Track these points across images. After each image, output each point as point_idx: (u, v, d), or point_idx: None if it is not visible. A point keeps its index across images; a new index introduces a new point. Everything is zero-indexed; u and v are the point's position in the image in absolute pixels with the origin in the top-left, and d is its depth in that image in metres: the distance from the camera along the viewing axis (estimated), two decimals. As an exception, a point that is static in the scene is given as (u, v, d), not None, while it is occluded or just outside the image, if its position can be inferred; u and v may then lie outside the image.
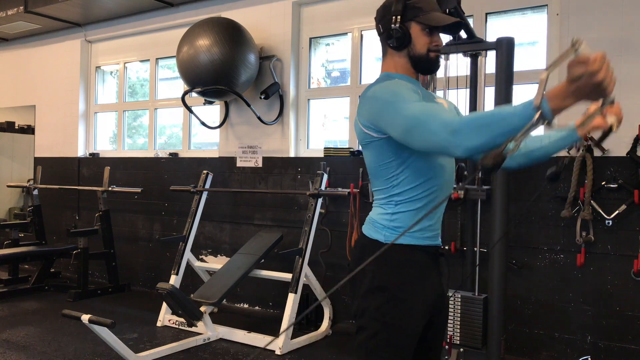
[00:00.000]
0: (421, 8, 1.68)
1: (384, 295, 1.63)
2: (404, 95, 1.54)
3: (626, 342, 3.35)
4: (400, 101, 1.52)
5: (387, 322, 1.62)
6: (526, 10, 3.85)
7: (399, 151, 1.62)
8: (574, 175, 3.42)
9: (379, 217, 1.70)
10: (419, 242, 1.68)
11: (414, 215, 1.66)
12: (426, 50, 1.70)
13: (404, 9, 1.67)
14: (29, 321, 4.44)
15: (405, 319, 1.63)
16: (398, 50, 1.72)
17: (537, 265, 3.63)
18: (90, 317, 3.01)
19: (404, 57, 1.72)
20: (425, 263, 1.70)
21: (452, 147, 1.34)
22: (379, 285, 1.65)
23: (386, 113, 1.54)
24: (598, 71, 1.15)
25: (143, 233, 5.69)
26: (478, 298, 3.31)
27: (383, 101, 1.56)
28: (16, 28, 6.29)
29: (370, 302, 1.65)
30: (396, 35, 1.68)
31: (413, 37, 1.69)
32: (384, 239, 1.66)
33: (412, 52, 1.70)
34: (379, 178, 1.69)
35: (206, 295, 3.99)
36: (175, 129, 5.93)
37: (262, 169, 4.87)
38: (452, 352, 3.27)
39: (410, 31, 1.68)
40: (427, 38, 1.69)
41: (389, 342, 1.62)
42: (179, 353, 3.73)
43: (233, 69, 4.40)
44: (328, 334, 4.16)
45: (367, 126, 1.63)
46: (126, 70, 6.16)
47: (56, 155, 6.46)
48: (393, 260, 1.64)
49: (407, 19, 1.68)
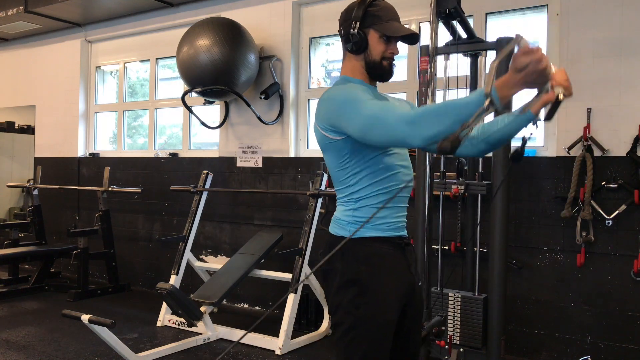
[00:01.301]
0: (380, 17, 1.73)
1: (354, 288, 1.67)
2: (359, 96, 1.60)
3: (626, 342, 3.35)
4: (356, 101, 1.58)
5: (360, 314, 1.65)
6: (526, 10, 3.85)
7: (355, 151, 1.67)
8: (574, 175, 3.42)
9: (342, 214, 1.75)
10: (383, 234, 1.73)
11: (375, 209, 1.71)
12: (380, 58, 1.75)
13: (364, 16, 1.73)
14: (29, 321, 4.44)
15: (378, 309, 1.66)
16: (355, 54, 1.77)
17: (537, 265, 3.63)
18: (90, 317, 3.01)
19: (360, 62, 1.78)
20: (392, 253, 1.74)
21: (410, 137, 1.41)
22: (348, 279, 1.69)
23: (344, 113, 1.59)
24: (542, 59, 1.27)
25: (143, 233, 5.69)
26: (478, 298, 3.31)
27: (339, 102, 1.62)
28: (16, 28, 6.29)
29: (343, 297, 1.69)
30: (354, 40, 1.74)
31: (370, 44, 1.75)
32: (348, 234, 1.71)
33: (367, 57, 1.76)
34: (339, 178, 1.75)
35: (206, 295, 3.99)
36: (175, 129, 5.93)
37: (262, 169, 4.87)
38: (452, 352, 3.27)
39: (368, 37, 1.74)
40: (383, 46, 1.75)
41: (364, 333, 1.65)
42: (179, 353, 3.73)
43: (233, 69, 4.40)
44: (328, 334, 4.16)
45: (325, 128, 1.68)
46: (126, 70, 6.16)
47: (56, 155, 6.46)
48: (360, 254, 1.69)
49: (366, 25, 1.74)
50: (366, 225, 1.69)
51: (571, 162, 3.46)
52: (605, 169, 3.41)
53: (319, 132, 1.72)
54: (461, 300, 3.33)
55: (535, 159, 3.68)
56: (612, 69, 3.40)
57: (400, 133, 1.43)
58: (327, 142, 1.71)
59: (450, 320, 3.35)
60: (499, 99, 1.28)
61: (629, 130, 3.34)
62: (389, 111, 1.49)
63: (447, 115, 1.34)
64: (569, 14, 3.55)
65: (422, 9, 4.07)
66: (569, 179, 3.45)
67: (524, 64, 1.27)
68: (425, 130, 1.37)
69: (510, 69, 1.30)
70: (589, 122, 3.44)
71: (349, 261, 1.69)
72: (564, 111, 3.56)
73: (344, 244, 1.61)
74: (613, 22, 3.40)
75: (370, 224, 1.70)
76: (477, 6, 3.92)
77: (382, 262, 1.71)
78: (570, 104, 3.54)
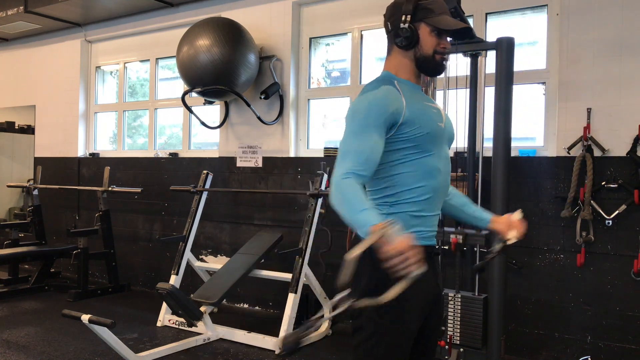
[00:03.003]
0: (432, 10, 1.68)
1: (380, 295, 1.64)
2: (361, 120, 1.61)
3: (626, 342, 3.35)
4: (353, 125, 1.63)
5: (383, 322, 1.63)
6: (526, 10, 3.85)
7: (392, 153, 1.64)
8: (574, 175, 3.42)
9: None
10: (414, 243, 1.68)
11: (411, 217, 1.67)
12: (432, 52, 1.70)
13: (415, 9, 1.67)
14: (29, 321, 4.44)
15: (401, 319, 1.64)
16: (405, 50, 1.72)
17: (537, 265, 3.63)
18: (90, 317, 3.01)
19: (409, 58, 1.72)
20: None
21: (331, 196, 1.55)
22: (375, 285, 1.64)
23: (346, 125, 1.66)
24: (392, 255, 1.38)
25: (143, 233, 5.69)
26: (478, 298, 3.31)
27: (349, 115, 1.66)
28: (16, 28, 6.29)
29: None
30: (405, 35, 1.68)
31: (421, 38, 1.69)
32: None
33: (418, 53, 1.70)
34: (373, 179, 1.69)
35: (206, 295, 3.99)
36: (175, 129, 5.93)
37: (262, 169, 4.87)
38: (452, 352, 3.27)
39: (419, 32, 1.69)
40: (435, 40, 1.70)
41: (385, 342, 1.63)
42: (179, 353, 3.72)
43: (233, 69, 4.40)
44: (328, 334, 4.16)
45: None
46: (126, 70, 6.17)
47: (56, 155, 6.46)
48: None
49: (417, 19, 1.68)
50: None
51: (571, 162, 3.46)
52: (605, 169, 3.41)
53: None
54: (461, 300, 3.33)
55: (535, 159, 3.68)
56: (612, 69, 3.40)
57: (332, 186, 1.56)
58: None
59: (450, 320, 3.35)
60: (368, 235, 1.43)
61: (629, 130, 3.34)
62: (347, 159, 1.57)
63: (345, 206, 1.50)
64: (569, 14, 3.55)
65: (422, 9, 4.08)
66: (569, 179, 3.45)
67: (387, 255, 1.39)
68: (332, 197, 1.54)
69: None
70: (589, 122, 3.44)
71: (377, 267, 1.61)
72: (564, 111, 3.56)
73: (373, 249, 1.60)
74: (613, 22, 3.40)
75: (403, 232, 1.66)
76: (477, 6, 3.92)
77: None
78: (570, 104, 3.54)
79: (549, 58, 3.71)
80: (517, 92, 3.36)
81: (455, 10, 2.83)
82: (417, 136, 1.64)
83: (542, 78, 3.75)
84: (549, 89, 3.71)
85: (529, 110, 3.85)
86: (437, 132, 1.70)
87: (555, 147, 3.61)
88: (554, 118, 3.64)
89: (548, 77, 3.71)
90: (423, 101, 1.74)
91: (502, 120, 3.16)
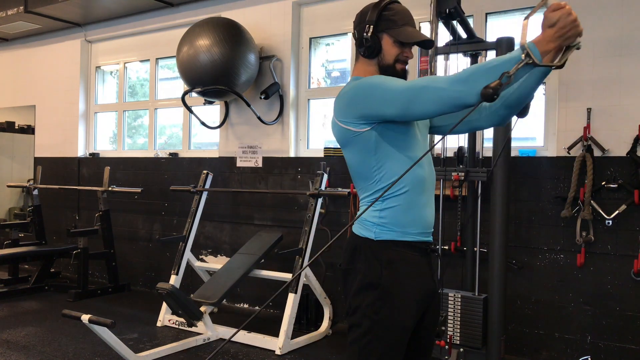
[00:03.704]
0: (395, 21, 1.73)
1: (375, 292, 1.65)
2: (386, 78, 1.64)
3: (626, 342, 3.35)
4: (388, 81, 1.61)
5: (379, 318, 1.64)
6: (526, 10, 3.85)
7: (379, 143, 1.66)
8: (574, 175, 3.42)
9: (367, 215, 1.71)
10: (410, 239, 1.70)
11: (403, 210, 1.68)
12: (393, 62, 1.75)
13: (378, 20, 1.72)
14: (29, 321, 4.44)
15: (397, 315, 1.65)
16: (368, 59, 1.77)
17: (537, 265, 3.63)
18: (90, 317, 3.01)
19: (373, 66, 1.77)
20: (416, 259, 1.71)
21: (465, 95, 1.44)
22: (370, 282, 1.67)
23: (374, 97, 1.60)
24: (571, 12, 1.37)
25: (143, 233, 5.69)
26: (478, 298, 3.31)
27: (367, 88, 1.63)
28: (16, 28, 6.29)
29: (362, 300, 1.67)
30: (367, 45, 1.74)
31: (383, 48, 1.74)
32: (374, 236, 1.68)
33: (381, 62, 1.76)
34: (362, 176, 1.73)
35: (206, 295, 3.99)
36: (175, 129, 5.93)
37: (262, 169, 4.87)
38: (452, 352, 3.27)
39: (382, 42, 1.74)
40: (397, 50, 1.74)
41: (381, 338, 1.64)
42: (179, 353, 3.72)
43: (233, 69, 4.40)
44: (328, 334, 4.16)
45: (347, 121, 1.67)
46: (126, 70, 6.16)
47: (56, 155, 6.46)
48: (384, 257, 1.67)
49: (380, 29, 1.73)
50: (393, 228, 1.67)
51: (571, 162, 3.46)
52: (605, 169, 3.41)
53: (340, 127, 1.70)
54: (461, 300, 3.33)
55: (535, 159, 3.68)
56: (612, 69, 3.40)
57: (455, 93, 1.45)
58: (350, 137, 1.68)
59: (450, 320, 3.35)
60: (539, 54, 1.38)
61: (629, 130, 3.34)
62: (432, 78, 1.52)
63: (495, 70, 1.39)
64: (569, 14, 3.54)
65: (422, 9, 4.07)
66: (569, 179, 3.45)
67: (554, 19, 1.37)
68: (479, 86, 1.39)
69: (543, 27, 1.41)
70: (589, 122, 3.44)
71: (372, 264, 1.66)
72: (564, 111, 3.56)
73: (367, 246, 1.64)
74: (613, 22, 3.40)
75: (398, 227, 1.68)
76: (477, 6, 3.92)
77: (405, 268, 1.68)
78: (570, 104, 3.54)
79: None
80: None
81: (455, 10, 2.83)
82: (398, 132, 1.67)
83: (542, 78, 3.74)
84: (549, 89, 3.71)
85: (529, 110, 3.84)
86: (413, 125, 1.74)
87: (555, 147, 3.62)
88: (554, 118, 3.64)
89: (548, 77, 3.67)
90: None
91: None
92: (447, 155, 3.67)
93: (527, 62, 1.36)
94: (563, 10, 1.36)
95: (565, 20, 1.36)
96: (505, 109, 1.74)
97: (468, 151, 3.57)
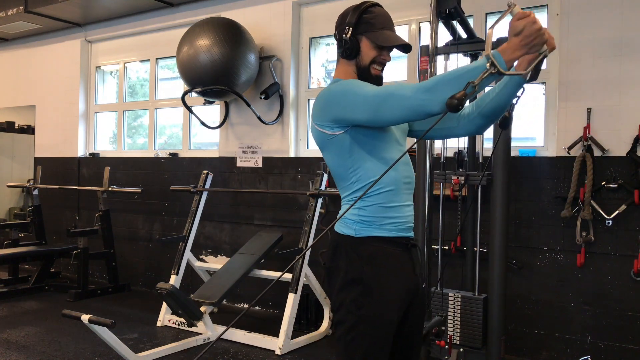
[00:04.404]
0: (374, 24, 1.75)
1: (358, 287, 1.67)
2: (357, 83, 1.67)
3: (626, 342, 3.35)
4: (358, 87, 1.63)
5: (362, 314, 1.66)
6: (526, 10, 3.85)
7: (355, 145, 1.68)
8: (574, 175, 3.42)
9: (348, 213, 1.73)
10: (389, 234, 1.72)
11: (382, 208, 1.71)
12: (369, 64, 1.77)
13: (357, 22, 1.75)
14: (29, 321, 4.44)
15: (380, 309, 1.66)
16: (347, 59, 1.80)
17: (537, 265, 3.63)
18: (90, 317, 3.01)
19: (352, 67, 1.80)
20: (397, 254, 1.74)
21: (429, 103, 1.45)
22: (352, 278, 1.69)
23: (346, 102, 1.63)
24: (536, 21, 1.37)
25: (143, 233, 5.69)
26: (478, 298, 3.31)
27: (339, 93, 1.66)
28: (16, 28, 6.29)
29: (345, 296, 1.69)
30: (346, 46, 1.77)
31: (362, 50, 1.77)
32: (354, 233, 1.71)
33: (359, 63, 1.78)
34: (340, 177, 1.76)
35: (206, 295, 3.99)
36: (175, 129, 5.93)
37: (262, 169, 4.87)
38: (452, 352, 3.27)
39: (360, 44, 1.76)
40: (375, 53, 1.77)
41: (365, 333, 1.66)
42: (179, 353, 3.72)
43: (233, 69, 4.40)
44: (328, 334, 4.16)
45: (322, 125, 1.71)
46: (126, 70, 6.16)
47: (56, 155, 6.46)
48: (365, 253, 1.69)
49: (359, 32, 1.76)
50: (373, 224, 1.70)
51: (571, 162, 3.46)
52: (605, 169, 3.41)
53: (317, 130, 1.74)
54: (461, 300, 3.33)
55: (535, 159, 3.68)
56: (612, 69, 3.40)
57: (418, 101, 1.47)
58: (326, 139, 1.72)
59: (450, 320, 3.35)
60: (504, 63, 1.37)
61: (629, 130, 3.34)
62: (400, 86, 1.54)
63: (460, 79, 1.39)
64: (569, 14, 3.55)
65: (422, 9, 4.07)
66: (569, 179, 3.45)
67: (519, 28, 1.37)
68: (443, 94, 1.39)
69: (509, 35, 1.40)
70: (589, 122, 3.44)
71: (354, 260, 1.69)
72: (564, 111, 3.56)
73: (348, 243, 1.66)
74: (613, 22, 3.40)
75: (377, 224, 1.70)
76: (477, 6, 3.92)
77: (386, 262, 1.70)
78: (570, 104, 3.54)
79: (549, 58, 3.71)
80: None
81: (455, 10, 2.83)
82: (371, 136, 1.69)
83: (542, 78, 3.75)
84: (549, 89, 3.71)
85: (529, 110, 3.85)
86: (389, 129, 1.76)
87: (555, 147, 3.61)
88: (554, 118, 3.64)
89: (548, 77, 3.71)
90: None
91: (502, 120, 3.16)
92: (447, 155, 3.67)
93: (492, 72, 1.35)
94: (528, 19, 1.36)
95: (530, 29, 1.35)
96: (481, 118, 1.73)
97: (468, 152, 3.57)
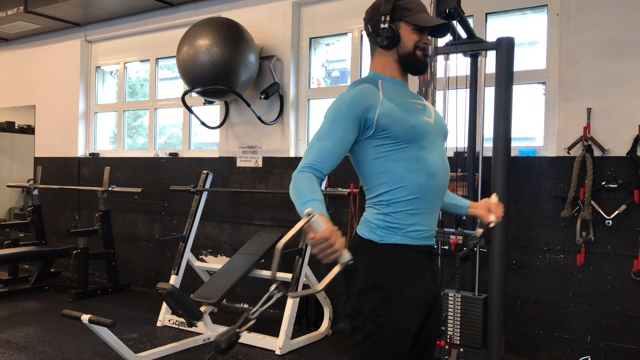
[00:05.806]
0: (410, 9, 1.72)
1: (378, 295, 1.63)
2: (331, 117, 1.66)
3: (626, 342, 3.35)
4: (326, 122, 1.66)
5: (381, 322, 1.62)
6: (526, 10, 3.85)
7: (379, 150, 1.65)
8: (574, 175, 3.42)
9: (372, 217, 1.69)
10: (413, 242, 1.68)
11: (408, 215, 1.66)
12: (413, 48, 1.73)
13: (393, 9, 1.71)
14: (29, 321, 4.44)
15: (399, 319, 1.63)
16: (387, 50, 1.75)
17: (537, 265, 3.63)
18: (90, 317, 3.01)
19: (392, 57, 1.76)
20: (419, 263, 1.70)
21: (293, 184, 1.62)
22: (373, 285, 1.65)
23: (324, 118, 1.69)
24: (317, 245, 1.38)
25: (143, 233, 5.69)
26: (478, 298, 3.31)
27: (330, 109, 1.69)
28: (16, 28, 6.29)
29: (365, 303, 1.65)
30: (385, 35, 1.71)
31: (402, 37, 1.72)
32: (378, 239, 1.66)
33: (400, 51, 1.74)
34: (366, 176, 1.72)
35: (206, 295, 3.99)
36: (175, 129, 5.93)
37: (262, 169, 4.87)
38: (452, 352, 3.27)
39: (400, 31, 1.72)
40: (416, 37, 1.73)
41: (383, 342, 1.63)
42: (179, 353, 3.73)
43: (233, 69, 4.40)
44: (328, 334, 4.16)
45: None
46: (126, 70, 6.17)
47: (56, 155, 6.46)
48: (387, 260, 1.65)
49: (396, 18, 1.72)
50: (398, 231, 1.65)
51: (571, 162, 3.46)
52: (605, 169, 3.41)
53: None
54: (461, 300, 3.33)
55: (535, 159, 3.68)
56: (612, 69, 3.40)
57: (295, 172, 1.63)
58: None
59: (450, 320, 3.35)
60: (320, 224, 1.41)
61: (629, 130, 3.34)
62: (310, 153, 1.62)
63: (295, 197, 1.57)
64: (569, 14, 3.55)
65: (422, 9, 4.08)
66: (569, 179, 3.45)
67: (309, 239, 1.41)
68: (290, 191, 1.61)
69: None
70: (589, 122, 3.44)
71: (375, 267, 1.65)
72: (564, 111, 3.56)
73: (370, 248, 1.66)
74: (613, 22, 3.40)
75: (402, 231, 1.66)
76: (477, 6, 3.92)
77: (408, 271, 1.66)
78: (570, 104, 3.54)
79: (549, 58, 3.71)
80: (517, 92, 3.36)
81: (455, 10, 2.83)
82: (400, 130, 1.64)
83: (542, 78, 3.75)
84: (549, 89, 3.71)
85: (529, 110, 3.85)
86: (425, 126, 1.70)
87: (555, 147, 3.62)
88: (554, 118, 3.64)
89: (548, 77, 3.71)
90: (407, 97, 1.76)
91: (502, 120, 3.17)
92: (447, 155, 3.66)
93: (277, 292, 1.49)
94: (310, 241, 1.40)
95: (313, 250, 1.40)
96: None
97: (468, 152, 3.57)
